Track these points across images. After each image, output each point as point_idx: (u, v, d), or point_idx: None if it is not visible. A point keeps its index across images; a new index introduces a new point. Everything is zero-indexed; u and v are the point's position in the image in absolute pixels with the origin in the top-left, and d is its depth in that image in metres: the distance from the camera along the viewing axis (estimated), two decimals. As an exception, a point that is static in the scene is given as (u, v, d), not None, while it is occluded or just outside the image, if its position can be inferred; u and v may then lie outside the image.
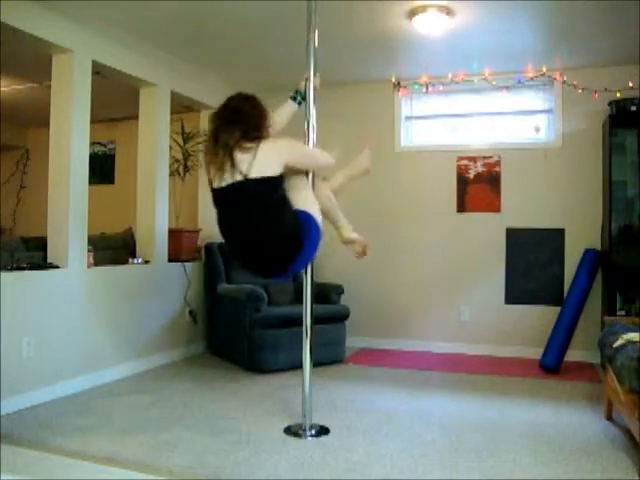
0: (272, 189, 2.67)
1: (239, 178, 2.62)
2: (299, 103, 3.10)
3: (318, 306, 3.62)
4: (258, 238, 2.70)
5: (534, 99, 5.04)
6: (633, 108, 4.32)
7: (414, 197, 5.30)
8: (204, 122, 5.35)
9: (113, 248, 4.52)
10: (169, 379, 4.12)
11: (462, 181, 5.19)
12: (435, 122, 5.34)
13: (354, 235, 3.13)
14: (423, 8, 3.64)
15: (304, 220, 2.72)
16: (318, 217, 2.78)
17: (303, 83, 3.07)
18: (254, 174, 2.61)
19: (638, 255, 4.33)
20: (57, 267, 3.70)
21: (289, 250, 2.71)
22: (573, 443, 2.85)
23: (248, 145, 2.63)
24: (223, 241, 2.90)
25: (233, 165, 2.62)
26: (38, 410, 3.32)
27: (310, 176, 2.93)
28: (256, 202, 2.66)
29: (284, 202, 2.73)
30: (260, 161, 2.61)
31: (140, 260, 4.45)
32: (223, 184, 2.68)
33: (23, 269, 3.47)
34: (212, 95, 5.25)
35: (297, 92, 3.11)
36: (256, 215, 2.66)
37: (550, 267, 4.92)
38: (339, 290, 4.86)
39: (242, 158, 2.62)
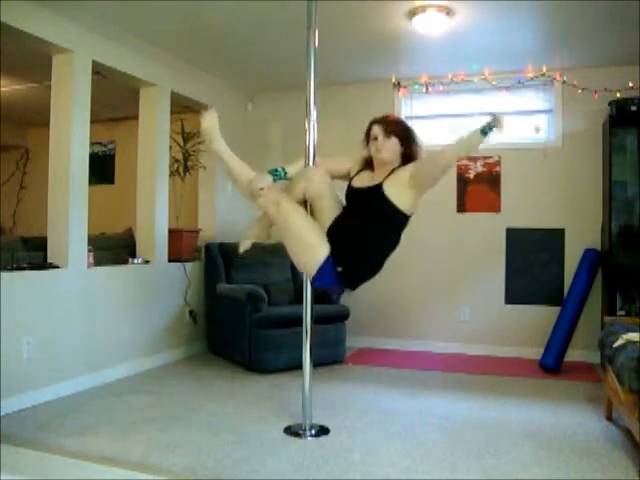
0: None
1: None
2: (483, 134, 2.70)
3: (318, 306, 3.62)
4: None
5: (534, 99, 5.04)
6: (633, 108, 4.32)
7: (414, 197, 5.29)
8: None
9: (113, 248, 4.52)
10: (169, 379, 4.13)
11: (462, 181, 5.19)
12: (435, 122, 5.34)
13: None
14: (423, 8, 3.65)
15: None
16: None
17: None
18: None
19: (638, 255, 4.34)
20: (57, 267, 3.70)
21: None
22: (573, 443, 2.85)
23: None
24: (223, 241, 2.89)
25: None
26: (38, 410, 3.32)
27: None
28: None
29: None
30: None
31: (140, 260, 4.45)
32: None
33: (23, 269, 3.47)
34: (212, 95, 5.26)
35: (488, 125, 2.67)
36: None
37: (550, 267, 4.92)
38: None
39: None
